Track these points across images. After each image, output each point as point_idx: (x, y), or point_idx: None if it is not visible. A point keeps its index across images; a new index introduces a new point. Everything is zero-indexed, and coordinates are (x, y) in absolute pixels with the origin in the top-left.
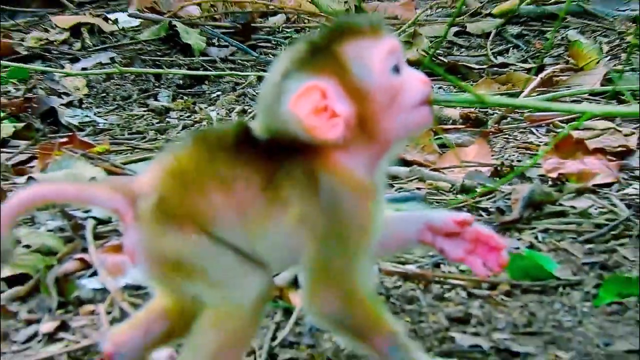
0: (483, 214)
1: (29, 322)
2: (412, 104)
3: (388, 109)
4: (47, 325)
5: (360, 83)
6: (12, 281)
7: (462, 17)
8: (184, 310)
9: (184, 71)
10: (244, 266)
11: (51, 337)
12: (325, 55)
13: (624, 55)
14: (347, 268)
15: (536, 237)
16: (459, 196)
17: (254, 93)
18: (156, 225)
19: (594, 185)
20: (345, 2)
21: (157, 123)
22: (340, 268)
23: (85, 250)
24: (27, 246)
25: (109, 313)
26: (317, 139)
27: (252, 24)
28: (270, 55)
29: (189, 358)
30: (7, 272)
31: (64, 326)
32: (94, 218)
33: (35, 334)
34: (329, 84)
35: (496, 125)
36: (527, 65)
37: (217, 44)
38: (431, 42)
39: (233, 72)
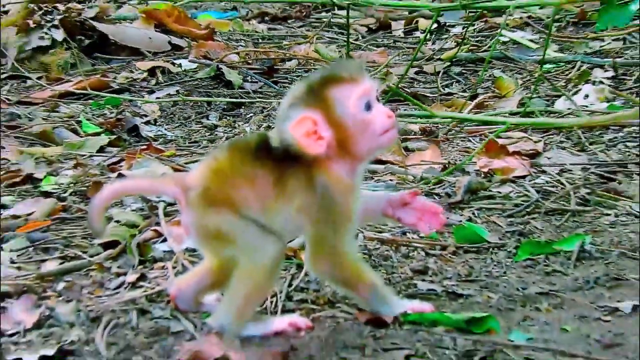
0: (436, 197)
1: (118, 275)
2: (378, 132)
3: (360, 136)
4: (131, 277)
5: (339, 117)
6: (106, 246)
7: (419, 61)
8: (224, 267)
9: (227, 99)
10: (264, 235)
11: (134, 285)
12: (317, 95)
13: (532, 87)
14: (336, 240)
15: (473, 214)
16: (420, 185)
17: (275, 114)
18: (202, 208)
19: (514, 177)
20: (339, 52)
21: (208, 135)
22: (331, 240)
23: (158, 224)
24: (117, 221)
25: (174, 268)
26: (307, 153)
27: (274, 67)
28: (287, 88)
29: (228, 299)
30: (103, 239)
31: (143, 277)
32: (164, 201)
33: (122, 283)
34: (318, 116)
35: (444, 135)
36: (465, 94)
37: (250, 80)
38: (398, 78)
39: (261, 100)
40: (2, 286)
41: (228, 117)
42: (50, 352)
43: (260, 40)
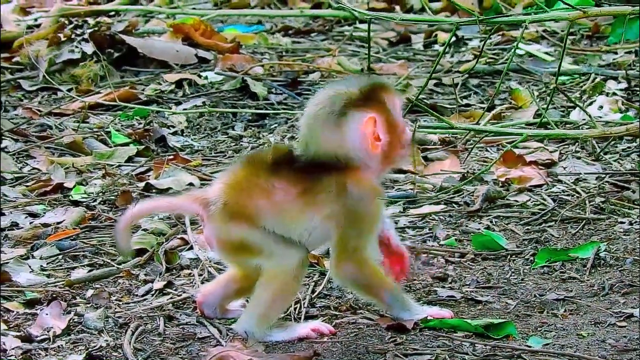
0: (455, 205)
1: (145, 282)
2: (406, 143)
3: (399, 142)
4: (158, 284)
5: (392, 121)
6: (135, 253)
7: (438, 73)
8: (248, 275)
9: (252, 110)
10: (285, 245)
11: (161, 292)
12: (377, 98)
13: (547, 98)
14: (359, 246)
15: (491, 222)
16: (439, 194)
17: (299, 125)
18: (223, 222)
19: (530, 186)
20: (361, 64)
21: (233, 146)
22: (355, 247)
23: (184, 232)
24: (145, 229)
25: (200, 275)
26: (367, 153)
27: (298, 79)
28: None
29: (253, 306)
30: (129, 256)
31: (170, 284)
32: None
33: (150, 290)
34: (378, 117)
35: (463, 145)
36: (483, 105)
37: (274, 92)
38: (418, 89)
39: (285, 111)
40: (32, 293)
41: (253, 128)
42: (79, 357)
43: (284, 53)
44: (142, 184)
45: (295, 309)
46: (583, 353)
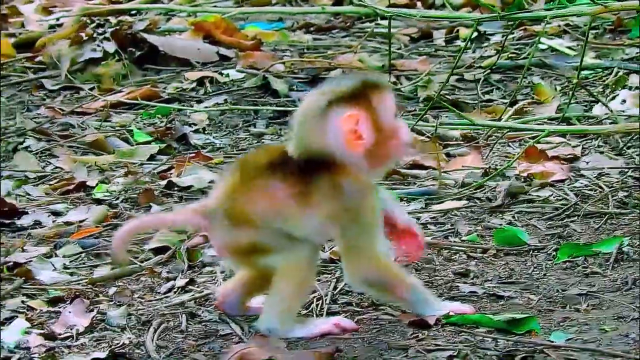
0: (477, 201)
1: (168, 279)
2: (402, 143)
3: (390, 142)
4: (181, 281)
5: (379, 121)
6: (157, 251)
7: (460, 69)
8: (263, 274)
9: (273, 108)
10: (292, 240)
11: (183, 289)
12: (360, 97)
13: (569, 93)
14: (367, 244)
15: (514, 217)
16: (462, 190)
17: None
18: (227, 228)
19: (553, 181)
20: (382, 61)
21: (255, 143)
22: (362, 245)
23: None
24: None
25: (222, 272)
26: (346, 152)
27: (319, 76)
28: None
29: (271, 302)
30: (154, 244)
31: (192, 282)
32: None
33: (172, 287)
34: (362, 115)
35: (485, 141)
36: (505, 101)
37: (295, 89)
38: (440, 85)
39: None
40: (55, 291)
41: (274, 125)
42: (102, 355)
43: (305, 50)
44: (164, 182)
45: (317, 305)
46: (606, 348)
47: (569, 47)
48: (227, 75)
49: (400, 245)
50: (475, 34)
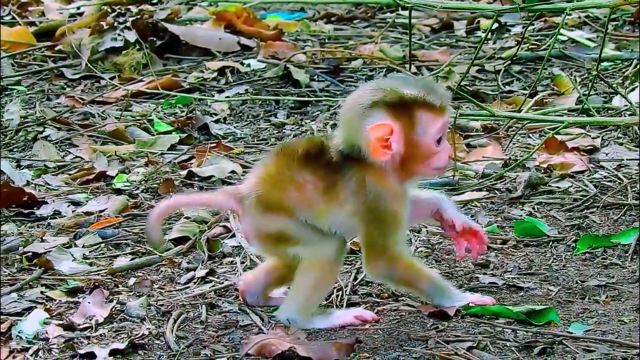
0: (497, 192)
1: (188, 270)
2: (434, 166)
3: (421, 162)
4: (201, 272)
5: (414, 139)
6: (177, 241)
7: (481, 60)
8: (289, 264)
9: (295, 98)
10: (320, 234)
11: (203, 280)
12: (405, 110)
13: (589, 84)
14: (388, 243)
15: (533, 208)
16: (482, 180)
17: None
18: (258, 214)
19: (572, 172)
20: (403, 51)
21: (276, 133)
22: (383, 243)
23: (227, 219)
24: (188, 217)
25: (242, 263)
26: (371, 156)
27: (340, 66)
28: (353, 87)
29: (294, 294)
30: (174, 234)
31: (212, 272)
32: None
33: (192, 278)
34: (397, 128)
35: (505, 132)
36: (525, 92)
37: (316, 79)
38: (460, 76)
39: (327, 98)
40: (75, 281)
41: (295, 115)
42: (121, 346)
43: (326, 41)
44: (184, 172)
45: (337, 296)
46: (625, 339)
47: (589, 39)
48: (248, 65)
49: (461, 244)
50: (496, 25)
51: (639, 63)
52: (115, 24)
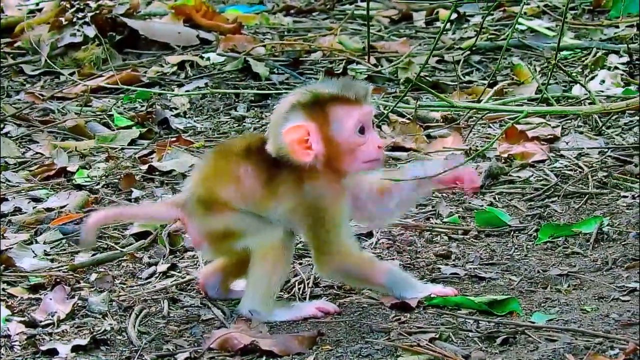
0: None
1: (149, 265)
2: (363, 159)
3: (347, 157)
4: (162, 267)
5: (332, 135)
6: (138, 236)
7: (440, 50)
8: (241, 259)
9: (254, 91)
10: (263, 223)
11: (165, 274)
12: (319, 109)
13: (548, 74)
14: (332, 238)
15: (494, 198)
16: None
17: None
18: (201, 215)
19: (533, 161)
20: (362, 43)
21: (236, 127)
22: (328, 239)
23: None
24: None
25: (203, 257)
26: (293, 160)
27: (300, 58)
28: (313, 79)
29: (251, 285)
30: (135, 229)
31: (173, 267)
32: None
33: (154, 272)
34: (313, 127)
35: (465, 122)
36: (485, 82)
37: (276, 72)
38: (419, 67)
39: (288, 91)
40: (36, 278)
41: (256, 109)
42: (84, 341)
43: (286, 33)
44: (145, 167)
45: (299, 289)
46: (587, 328)
47: (548, 28)
48: (208, 59)
49: (455, 187)
50: (455, 15)
51: (598, 51)
52: (75, 19)
